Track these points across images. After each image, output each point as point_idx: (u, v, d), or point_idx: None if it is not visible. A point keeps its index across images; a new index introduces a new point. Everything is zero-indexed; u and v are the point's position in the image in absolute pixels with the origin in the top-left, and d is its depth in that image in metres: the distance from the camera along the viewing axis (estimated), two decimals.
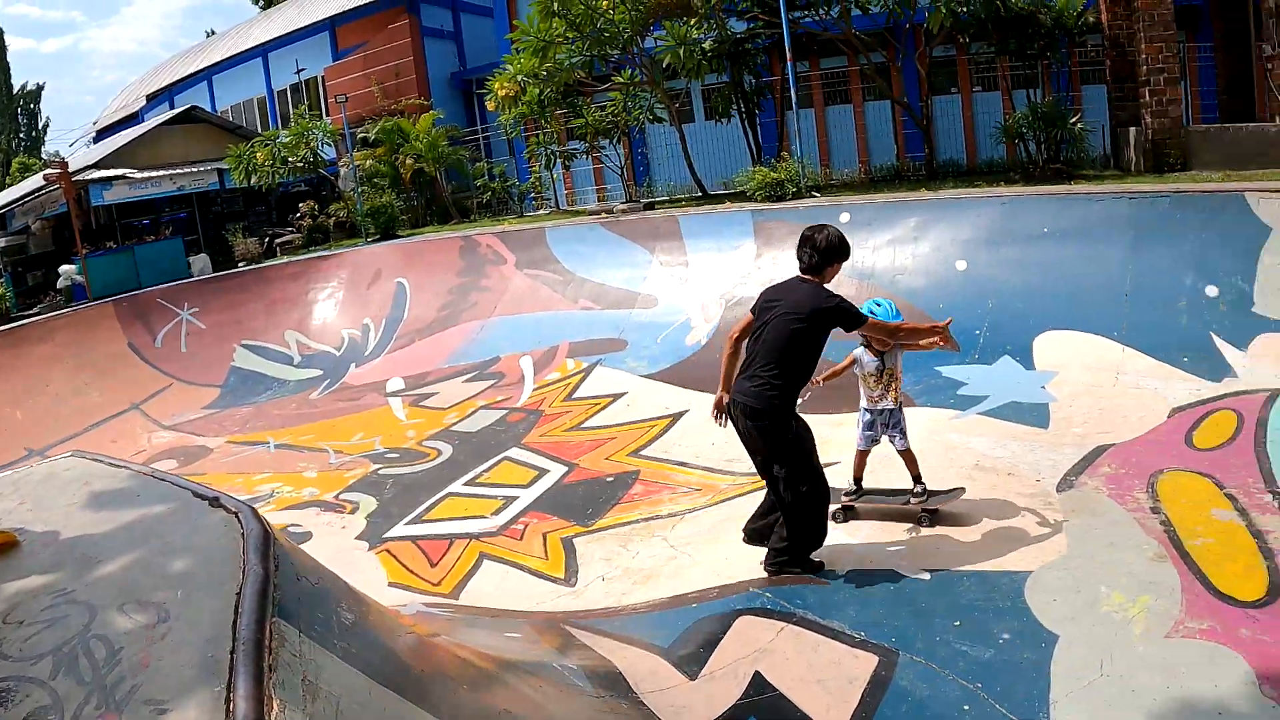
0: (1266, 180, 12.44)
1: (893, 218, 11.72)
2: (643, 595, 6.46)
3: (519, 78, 18.23)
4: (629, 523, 7.85)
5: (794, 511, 6.07)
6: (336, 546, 8.23)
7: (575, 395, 11.54)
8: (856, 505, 7.00)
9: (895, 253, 11.01)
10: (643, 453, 9.47)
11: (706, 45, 17.41)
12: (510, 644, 5.68)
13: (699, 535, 7.25)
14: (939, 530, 6.45)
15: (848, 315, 6.03)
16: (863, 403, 6.92)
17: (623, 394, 11.17)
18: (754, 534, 6.53)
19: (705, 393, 10.18)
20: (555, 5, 16.72)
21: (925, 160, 16.96)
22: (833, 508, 6.59)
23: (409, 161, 22.70)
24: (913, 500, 6.78)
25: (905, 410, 6.91)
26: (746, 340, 6.26)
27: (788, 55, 15.94)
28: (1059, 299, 10.01)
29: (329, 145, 24.50)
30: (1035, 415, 8.38)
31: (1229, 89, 17.85)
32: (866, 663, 5.03)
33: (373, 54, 27.59)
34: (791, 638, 5.32)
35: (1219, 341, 9.57)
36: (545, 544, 7.76)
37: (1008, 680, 4.74)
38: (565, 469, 9.41)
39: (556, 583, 7.04)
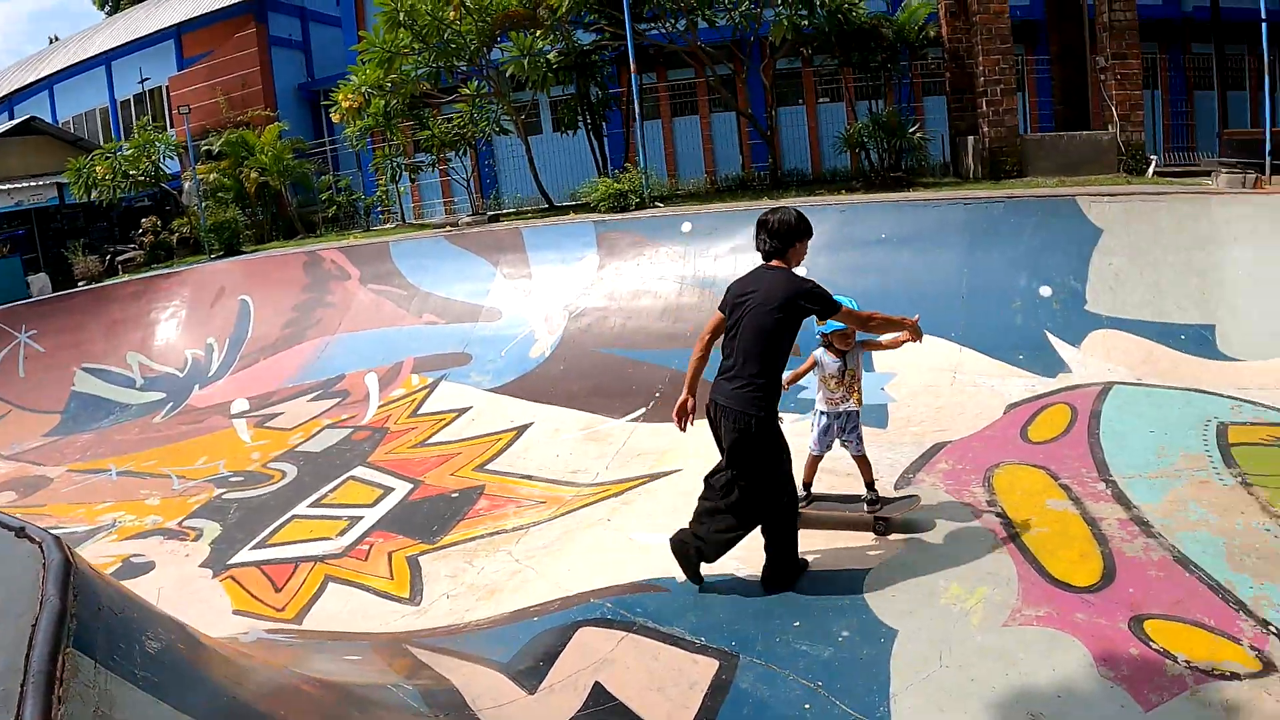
0: (1098, 185, 12.98)
1: (734, 227, 11.77)
2: (486, 611, 6.36)
3: (364, 89, 17.91)
4: (474, 538, 7.73)
5: (781, 524, 5.86)
6: (180, 575, 7.93)
7: (420, 411, 11.35)
8: (807, 512, 6.66)
9: (737, 261, 11.02)
10: (488, 467, 9.36)
11: (552, 57, 17.36)
12: (348, 668, 5.51)
13: (543, 548, 7.17)
14: None
15: (824, 300, 5.72)
16: (820, 405, 6.67)
17: (467, 409, 11.00)
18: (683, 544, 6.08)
19: (549, 405, 10.19)
20: (401, 16, 16.47)
21: (770, 170, 17.16)
22: None
23: (254, 175, 22.09)
24: (867, 507, 6.60)
25: None
26: (720, 340, 5.97)
27: (632, 67, 15.99)
28: (897, 302, 10.09)
29: (172, 158, 23.74)
30: (874, 416, 8.48)
31: (1065, 100, 18.58)
32: (707, 667, 5.01)
33: (219, 63, 26.77)
34: (632, 647, 5.26)
35: (1053, 339, 9.93)
36: (390, 563, 7.59)
37: (848, 677, 4.77)
38: (410, 486, 9.24)
39: (402, 602, 6.88)
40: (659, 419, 8.74)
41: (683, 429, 6.00)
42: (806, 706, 4.57)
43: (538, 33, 17.08)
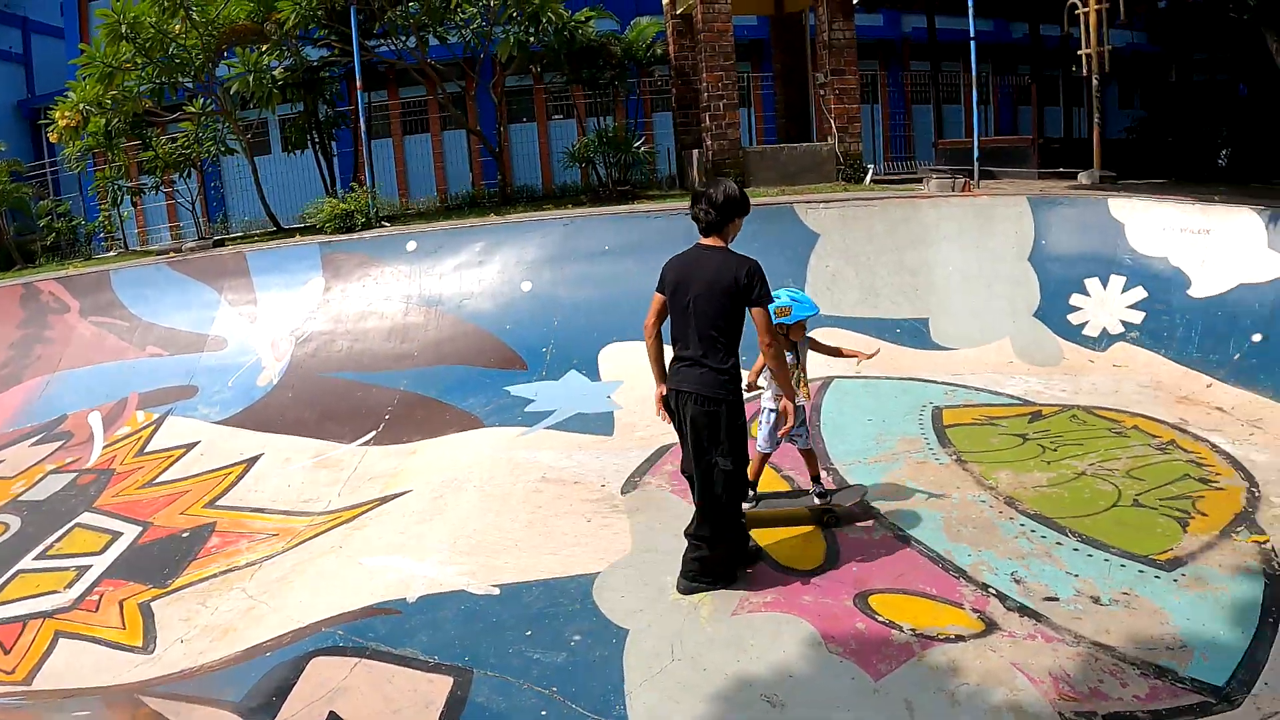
0: (817, 193, 13.68)
1: (459, 244, 11.80)
2: (221, 651, 6.16)
3: (83, 106, 16.76)
4: (207, 578, 7.45)
5: (729, 508, 5.69)
6: None
7: (147, 449, 10.82)
8: (757, 511, 6.60)
9: (462, 278, 11.11)
10: (219, 503, 9.04)
11: (278, 73, 16.68)
12: None
13: (277, 581, 7.02)
14: (513, 538, 6.54)
15: (763, 283, 5.55)
16: (769, 403, 6.45)
17: (195, 443, 10.54)
18: None
19: (280, 434, 9.95)
20: (124, 28, 15.49)
21: (500, 187, 17.17)
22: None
23: None
24: (816, 500, 6.60)
25: (474, 432, 6.98)
26: (663, 323, 5.81)
27: (358, 84, 15.75)
28: (622, 312, 10.42)
29: None
30: (601, 424, 8.71)
31: (788, 114, 19.52)
32: (441, 685, 5.04)
33: None
34: (365, 672, 5.24)
35: None
36: (122, 612, 7.26)
37: (582, 679, 4.90)
38: (139, 529, 8.82)
39: (135, 651, 6.58)
40: (389, 441, 8.72)
41: (666, 419, 5.86)
42: (543, 713, 4.67)
43: (264, 48, 16.48)
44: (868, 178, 16.75)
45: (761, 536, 6.31)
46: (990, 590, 5.56)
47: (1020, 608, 5.37)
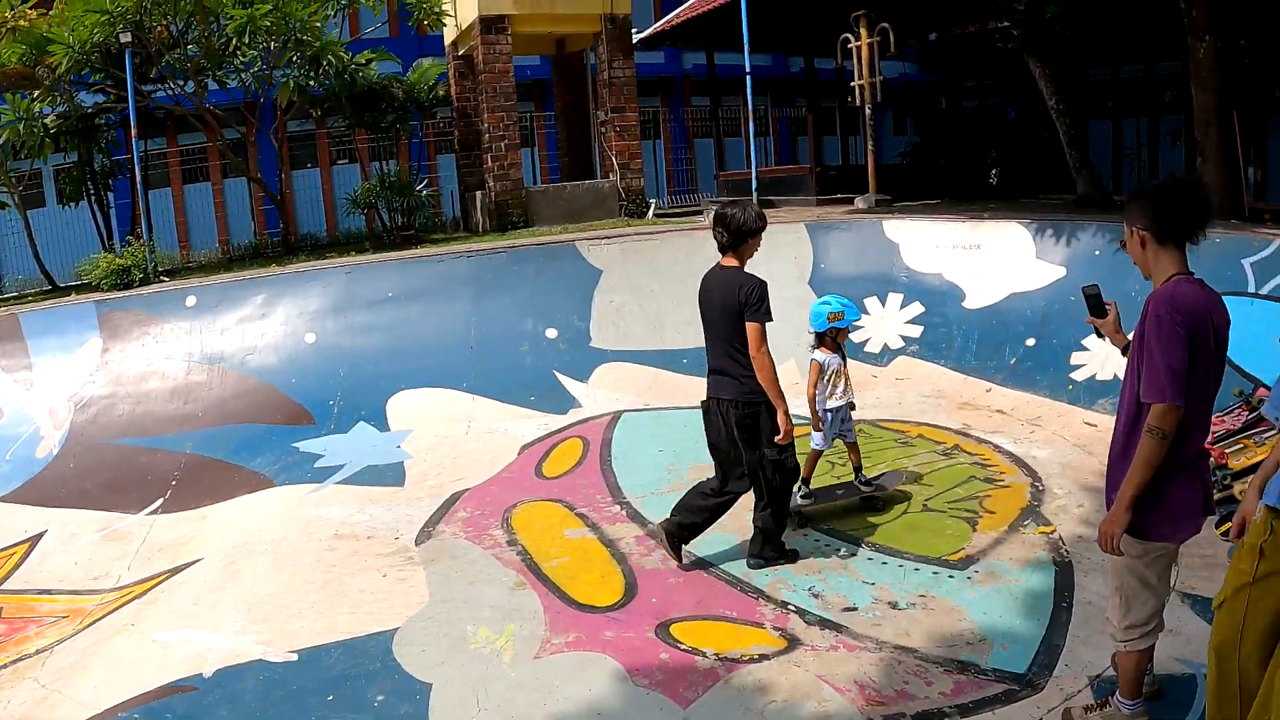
0: (600, 229, 13.91)
1: (240, 297, 11.48)
2: None
3: None
4: None
5: (781, 492, 6.21)
6: None
7: None
8: (812, 508, 7.19)
9: (245, 332, 10.80)
10: (3, 587, 8.56)
11: (50, 120, 15.73)
12: None
13: (70, 667, 6.64)
14: (308, 600, 6.42)
15: (760, 298, 6.04)
16: (828, 404, 7.05)
17: None
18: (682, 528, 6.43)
19: (63, 508, 9.47)
20: None
21: (283, 236, 16.74)
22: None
23: None
24: (863, 489, 7.21)
25: (264, 493, 6.87)
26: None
27: (133, 131, 15.12)
28: (409, 359, 10.44)
29: None
30: (392, 475, 8.61)
31: (570, 152, 19.68)
32: None
33: None
34: None
35: (562, 378, 10.55)
36: None
37: None
38: None
39: None
40: (178, 507, 8.44)
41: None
42: None
43: (36, 94, 15.59)
44: (650, 212, 17.11)
45: (561, 577, 6.36)
46: (790, 607, 5.73)
47: (821, 621, 5.55)
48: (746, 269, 6.29)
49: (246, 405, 10.01)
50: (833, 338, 7.18)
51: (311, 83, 15.77)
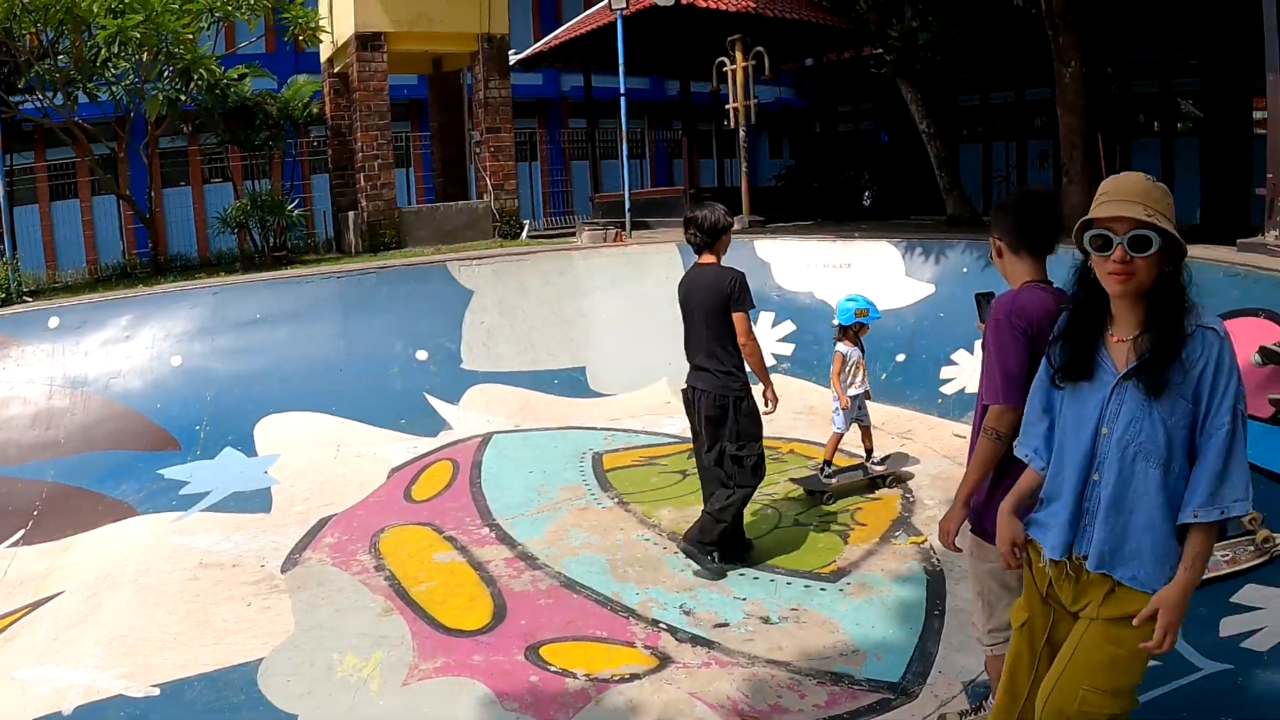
0: (472, 250, 13.94)
1: (105, 318, 11.07)
2: None
3: None
4: None
5: (749, 483, 6.50)
6: None
7: None
8: (839, 483, 7.96)
9: (109, 355, 10.39)
10: None
11: None
12: None
13: None
14: (172, 632, 6.28)
15: (744, 291, 6.35)
16: (852, 391, 7.96)
17: None
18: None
19: None
20: None
21: (152, 256, 16.29)
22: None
23: None
24: (874, 467, 8.16)
25: (129, 521, 6.73)
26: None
27: None
28: (277, 382, 10.27)
29: None
30: (258, 501, 8.44)
31: (446, 173, 19.66)
32: None
33: None
34: None
35: (433, 400, 10.51)
36: None
37: None
38: None
39: None
40: (41, 539, 8.13)
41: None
42: None
43: None
44: (524, 233, 17.19)
45: (429, 601, 6.32)
46: (661, 625, 5.78)
47: (692, 638, 5.60)
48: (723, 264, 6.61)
49: (110, 431, 9.72)
50: (855, 332, 7.99)
51: (183, 97, 15.48)
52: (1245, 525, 5.88)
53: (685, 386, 6.67)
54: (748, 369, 6.67)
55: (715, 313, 6.37)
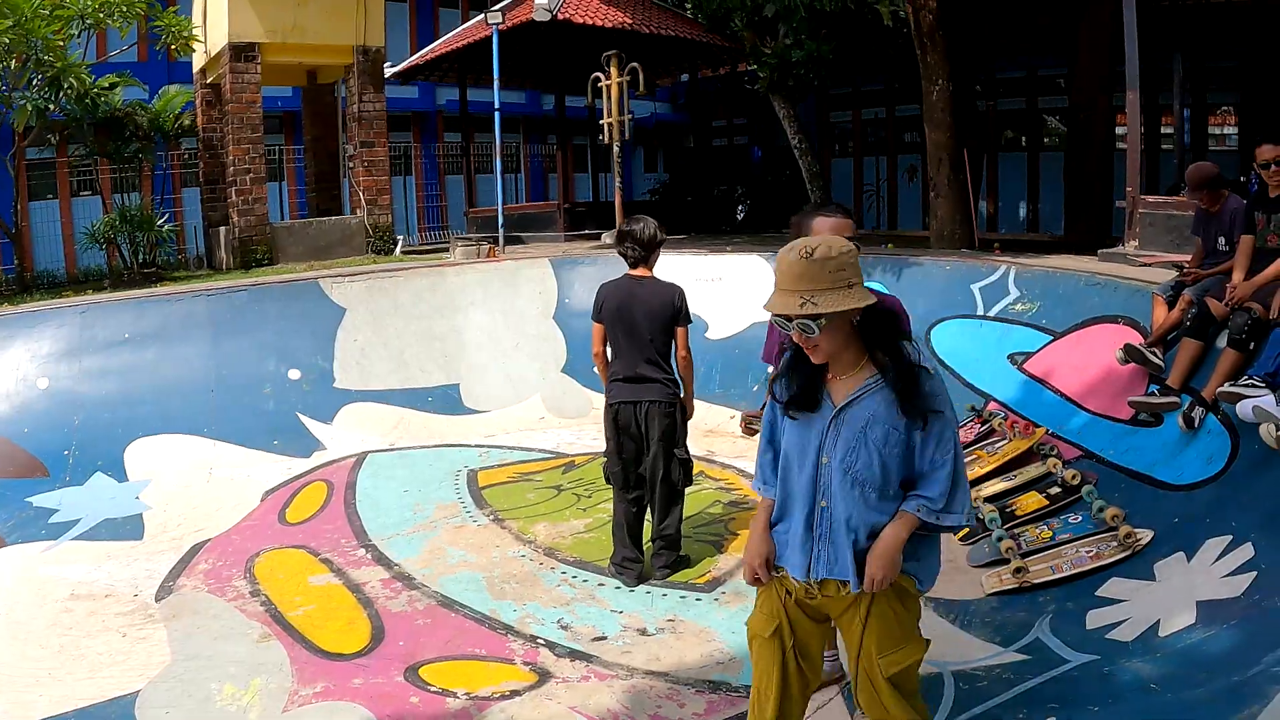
0: (346, 266, 13.86)
1: None
2: None
3: None
4: None
5: (689, 482, 6.85)
6: None
7: None
8: None
9: None
10: None
11: None
12: None
13: None
14: (45, 667, 6.03)
15: (684, 315, 6.65)
16: None
17: None
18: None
19: None
20: None
21: (18, 273, 15.70)
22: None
23: None
24: None
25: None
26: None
27: None
28: (147, 404, 10.04)
29: None
30: (130, 528, 8.25)
31: (319, 187, 19.47)
32: None
33: None
34: None
35: (306, 419, 10.44)
36: None
37: None
38: None
39: None
40: None
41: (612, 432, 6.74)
42: None
43: None
44: (398, 249, 17.15)
45: (306, 626, 6.28)
46: (539, 641, 5.85)
47: (571, 652, 5.69)
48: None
49: None
50: None
51: (51, 106, 15.04)
52: (1109, 522, 6.28)
53: (621, 402, 6.68)
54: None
55: (661, 325, 6.57)
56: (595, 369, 7.05)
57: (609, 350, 6.83)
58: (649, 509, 6.82)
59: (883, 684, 3.43)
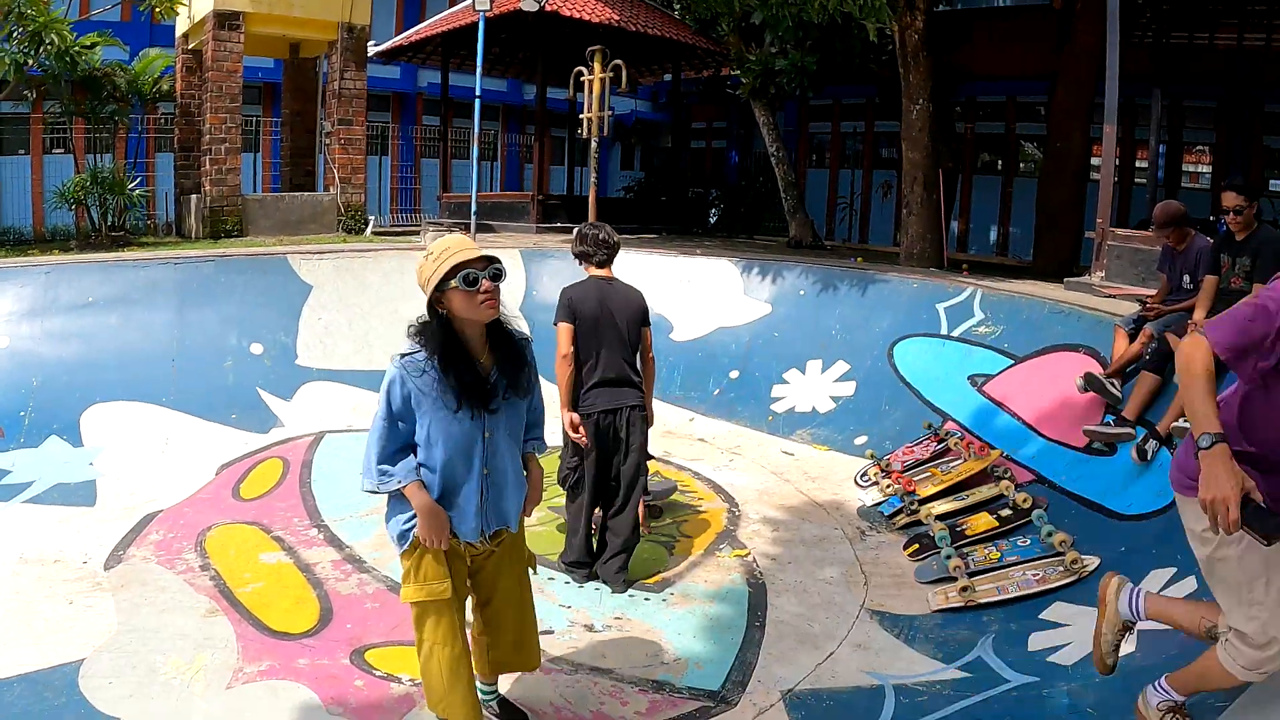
0: (316, 243, 13.77)
1: None
2: None
3: None
4: None
5: (638, 501, 6.72)
6: None
7: None
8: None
9: None
10: None
11: None
12: None
13: None
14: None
15: (648, 318, 6.79)
16: None
17: None
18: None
19: None
20: None
21: None
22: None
23: None
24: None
25: None
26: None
27: None
28: (107, 370, 9.96)
29: None
30: (83, 494, 8.18)
31: (294, 162, 19.38)
32: None
33: None
34: None
35: (266, 395, 10.37)
36: None
37: None
38: None
39: None
40: None
41: (585, 443, 6.50)
42: None
43: None
44: (369, 229, 17.08)
45: (254, 603, 6.26)
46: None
47: None
48: None
49: None
50: None
51: (30, 61, 14.84)
52: (1057, 547, 6.38)
53: (600, 411, 6.54)
54: None
55: (635, 327, 6.63)
56: (556, 371, 6.62)
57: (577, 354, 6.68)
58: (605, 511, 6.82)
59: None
